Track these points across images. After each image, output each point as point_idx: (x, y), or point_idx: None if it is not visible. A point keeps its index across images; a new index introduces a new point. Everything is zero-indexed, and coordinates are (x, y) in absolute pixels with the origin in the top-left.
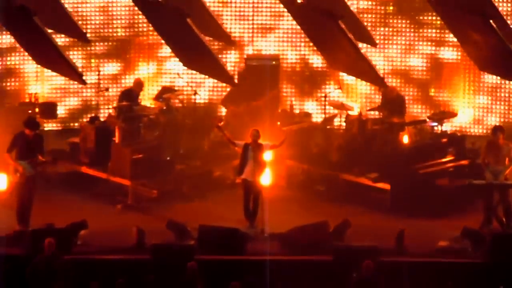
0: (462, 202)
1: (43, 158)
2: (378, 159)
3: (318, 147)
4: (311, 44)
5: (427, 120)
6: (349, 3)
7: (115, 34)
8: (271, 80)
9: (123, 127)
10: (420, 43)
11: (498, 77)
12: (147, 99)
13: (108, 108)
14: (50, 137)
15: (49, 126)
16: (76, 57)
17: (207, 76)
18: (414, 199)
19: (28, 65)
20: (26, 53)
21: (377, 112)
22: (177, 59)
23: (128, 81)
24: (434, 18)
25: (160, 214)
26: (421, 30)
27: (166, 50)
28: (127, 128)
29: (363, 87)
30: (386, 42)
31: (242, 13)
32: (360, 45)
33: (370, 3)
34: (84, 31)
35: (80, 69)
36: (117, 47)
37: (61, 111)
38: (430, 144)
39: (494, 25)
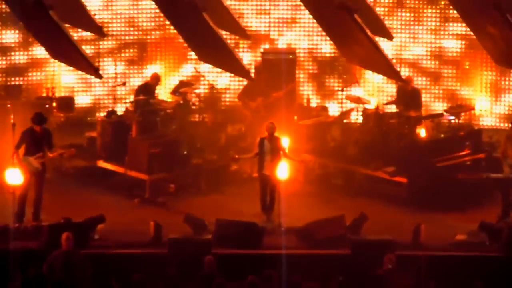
0: (479, 195)
1: (51, 154)
2: (395, 153)
3: (335, 141)
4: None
5: (444, 113)
6: None
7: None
8: (288, 74)
9: (140, 121)
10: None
11: None
12: (164, 93)
13: (125, 103)
14: (67, 131)
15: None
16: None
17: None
18: (431, 192)
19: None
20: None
21: (394, 106)
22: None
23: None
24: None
25: (177, 208)
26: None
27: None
28: (144, 122)
29: (380, 80)
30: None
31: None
32: (376, 38)
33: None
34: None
35: (96, 63)
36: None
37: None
38: (447, 138)
39: (511, 19)
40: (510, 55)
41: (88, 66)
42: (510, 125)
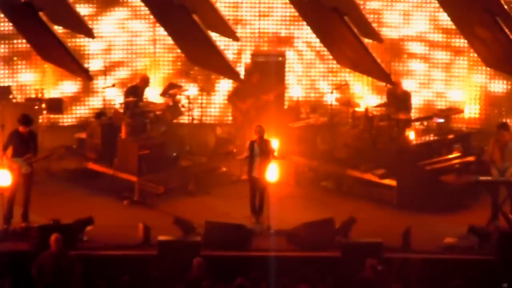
0: (468, 199)
1: (35, 158)
2: (384, 156)
3: (324, 144)
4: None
5: (433, 116)
6: None
7: None
8: (277, 77)
9: (129, 123)
10: None
11: None
12: (153, 95)
13: (115, 104)
14: (57, 133)
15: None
16: None
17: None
18: (420, 195)
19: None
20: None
21: (383, 109)
22: None
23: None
24: None
25: (166, 210)
26: None
27: None
28: (134, 124)
29: (370, 83)
30: None
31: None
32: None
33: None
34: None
35: (86, 65)
36: None
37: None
38: (436, 141)
39: (501, 22)
40: (500, 58)
41: (78, 68)
42: (497, 129)
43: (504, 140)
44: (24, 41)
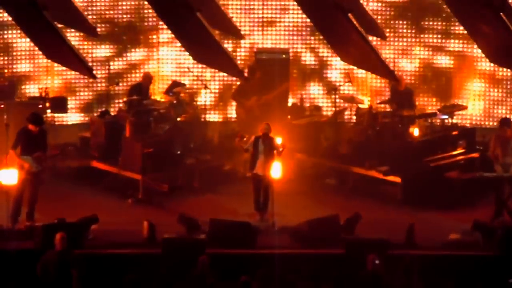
0: (472, 195)
1: (44, 156)
2: (388, 152)
3: (328, 141)
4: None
5: (437, 113)
6: None
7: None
8: (281, 74)
9: (133, 121)
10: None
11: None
12: (157, 93)
13: (119, 102)
14: (61, 131)
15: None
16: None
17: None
18: (424, 192)
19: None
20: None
21: (387, 105)
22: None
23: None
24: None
25: (171, 208)
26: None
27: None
28: (138, 122)
29: (374, 80)
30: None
31: (248, 7)
32: (370, 38)
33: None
34: (94, 25)
35: (90, 63)
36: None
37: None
38: (440, 137)
39: (504, 17)
40: (504, 54)
41: (82, 66)
42: (499, 125)
43: (506, 136)
44: (28, 39)
